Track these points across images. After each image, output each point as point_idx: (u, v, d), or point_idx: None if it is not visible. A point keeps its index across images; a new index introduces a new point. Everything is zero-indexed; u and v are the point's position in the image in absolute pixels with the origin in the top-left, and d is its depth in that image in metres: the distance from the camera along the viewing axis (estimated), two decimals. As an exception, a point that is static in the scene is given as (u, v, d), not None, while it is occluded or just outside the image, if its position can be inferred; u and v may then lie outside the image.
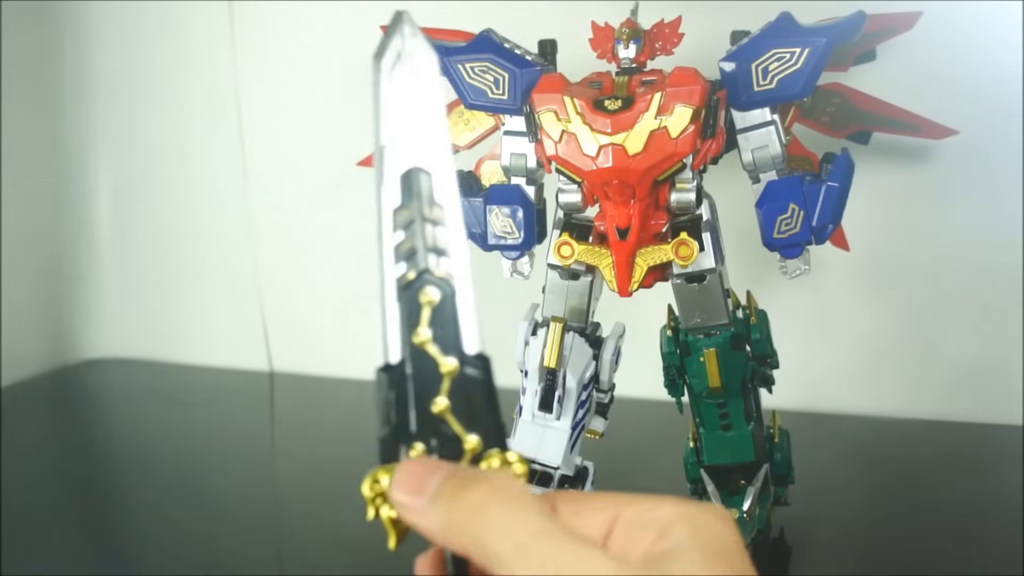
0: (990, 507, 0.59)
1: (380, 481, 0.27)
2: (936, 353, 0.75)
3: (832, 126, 0.57)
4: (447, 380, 0.28)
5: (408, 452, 0.27)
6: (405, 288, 0.28)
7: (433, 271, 0.28)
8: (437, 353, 0.28)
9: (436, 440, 0.27)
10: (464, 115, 0.59)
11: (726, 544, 0.25)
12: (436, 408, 0.27)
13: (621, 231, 0.51)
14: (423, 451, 0.27)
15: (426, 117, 0.30)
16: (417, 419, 0.28)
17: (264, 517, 0.68)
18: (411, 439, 0.27)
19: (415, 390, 0.28)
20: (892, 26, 0.56)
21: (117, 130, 1.05)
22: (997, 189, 0.71)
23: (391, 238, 0.29)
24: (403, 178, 0.29)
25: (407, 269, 0.28)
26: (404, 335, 0.28)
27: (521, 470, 0.27)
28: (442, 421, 0.28)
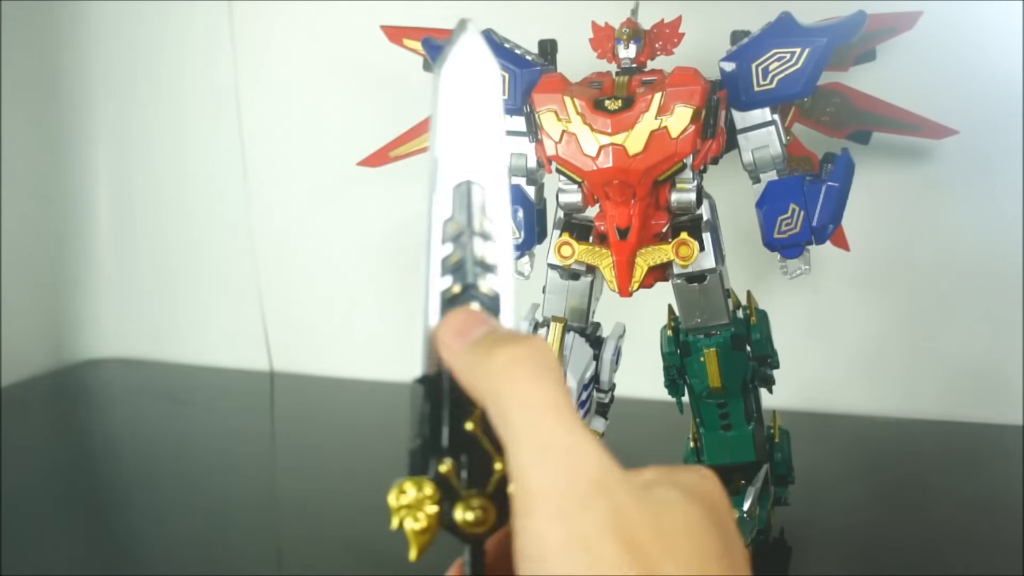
0: (990, 507, 0.59)
1: (407, 492, 0.27)
2: (936, 353, 0.75)
3: (832, 126, 0.57)
4: None
5: (438, 467, 0.27)
6: (450, 301, 0.28)
7: (479, 287, 0.28)
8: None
9: (466, 457, 0.27)
10: (464, 115, 0.59)
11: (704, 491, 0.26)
12: (470, 426, 0.27)
13: (621, 231, 0.51)
14: (452, 467, 0.27)
15: (484, 129, 0.29)
16: (450, 434, 0.27)
17: (264, 517, 0.68)
18: (442, 453, 0.27)
19: (450, 405, 0.27)
20: (892, 26, 0.56)
21: (117, 130, 1.05)
22: (997, 189, 0.71)
23: (439, 250, 0.28)
24: (456, 190, 0.29)
25: (453, 282, 0.28)
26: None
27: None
28: (475, 439, 0.27)
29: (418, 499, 0.27)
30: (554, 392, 0.24)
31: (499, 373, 0.25)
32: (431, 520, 0.26)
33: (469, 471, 0.27)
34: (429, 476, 0.27)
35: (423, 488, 0.27)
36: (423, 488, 0.27)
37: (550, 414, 0.24)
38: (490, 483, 0.27)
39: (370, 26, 0.64)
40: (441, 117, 0.29)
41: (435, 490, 0.27)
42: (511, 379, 0.25)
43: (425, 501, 0.27)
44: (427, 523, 0.26)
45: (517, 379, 0.24)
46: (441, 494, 0.27)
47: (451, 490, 0.27)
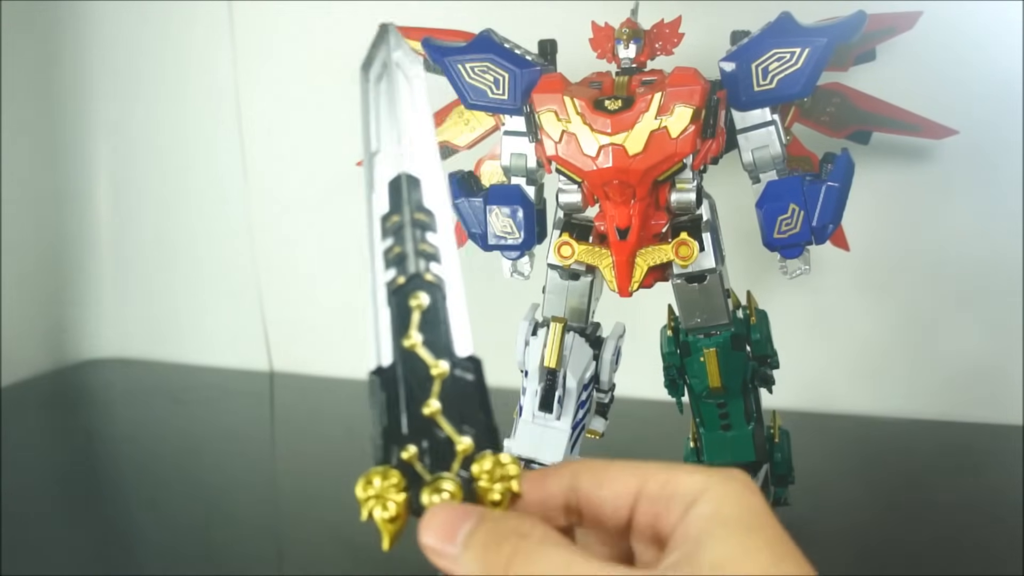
0: (990, 507, 0.59)
1: (373, 483, 0.27)
2: (936, 353, 0.75)
3: (832, 126, 0.57)
4: (438, 383, 0.28)
5: (400, 454, 0.28)
6: (395, 292, 0.29)
7: (423, 275, 0.29)
8: (427, 356, 0.28)
9: (428, 442, 0.28)
10: (464, 115, 0.59)
11: (754, 514, 0.25)
12: (427, 410, 0.28)
13: (621, 231, 0.51)
14: (414, 453, 0.28)
15: (414, 124, 0.30)
16: (409, 421, 0.28)
17: (264, 517, 0.68)
18: (403, 441, 0.28)
19: (406, 393, 0.28)
20: (892, 26, 0.56)
21: (117, 130, 1.05)
22: (997, 189, 0.71)
23: (380, 244, 0.29)
24: (391, 184, 0.30)
25: (397, 274, 0.29)
26: (395, 339, 0.29)
27: (514, 471, 0.27)
28: (434, 423, 0.28)
29: (385, 488, 0.27)
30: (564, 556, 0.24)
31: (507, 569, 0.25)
32: (399, 508, 0.27)
33: (431, 455, 0.28)
34: (393, 464, 0.28)
35: (388, 476, 0.27)
36: (388, 476, 0.27)
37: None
38: (453, 465, 0.28)
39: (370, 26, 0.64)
40: (371, 117, 0.30)
41: (400, 478, 0.27)
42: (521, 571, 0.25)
43: (391, 489, 0.27)
44: (396, 511, 0.27)
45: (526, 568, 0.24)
46: (407, 481, 0.27)
47: (416, 476, 0.28)
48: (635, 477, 0.27)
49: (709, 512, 0.25)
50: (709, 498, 0.25)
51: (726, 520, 0.25)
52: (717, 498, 0.25)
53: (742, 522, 0.25)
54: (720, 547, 0.24)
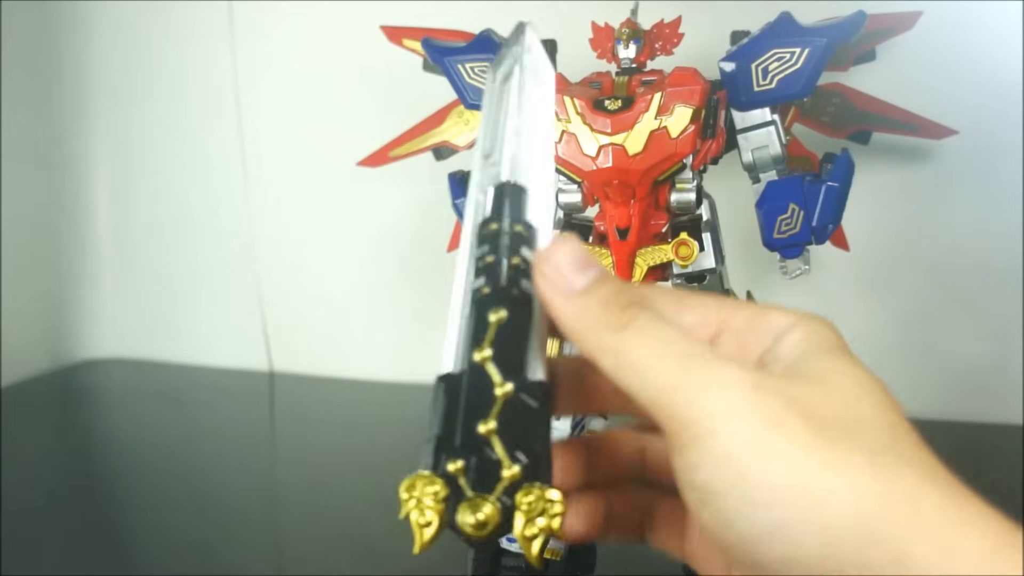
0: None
1: (416, 486, 0.27)
2: (936, 353, 0.75)
3: (832, 126, 0.57)
4: (500, 402, 0.27)
5: (447, 465, 0.27)
6: (478, 302, 0.28)
7: (510, 290, 0.27)
8: (495, 373, 0.27)
9: (477, 459, 0.27)
10: (464, 115, 0.59)
11: (842, 347, 0.26)
12: (484, 428, 0.27)
13: (621, 231, 0.51)
14: (462, 467, 0.27)
15: (534, 132, 0.29)
16: (463, 435, 0.27)
17: (264, 517, 0.68)
18: (453, 453, 0.27)
19: (467, 405, 0.27)
20: (892, 26, 0.56)
21: (117, 130, 1.05)
22: (997, 189, 0.71)
23: (475, 250, 0.28)
24: (497, 190, 0.29)
25: (484, 283, 0.28)
26: (467, 348, 0.27)
27: (559, 509, 0.26)
28: (487, 442, 0.27)
29: (427, 494, 0.27)
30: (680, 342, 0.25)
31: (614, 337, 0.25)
32: (437, 517, 0.27)
33: (477, 473, 0.27)
34: (439, 473, 0.27)
35: (433, 484, 0.27)
36: (433, 484, 0.27)
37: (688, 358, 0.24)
38: (496, 489, 0.27)
39: (370, 26, 0.64)
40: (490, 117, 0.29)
41: (443, 487, 0.27)
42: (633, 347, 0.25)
43: (432, 497, 0.27)
44: (433, 519, 0.27)
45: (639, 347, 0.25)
46: (448, 492, 0.27)
47: (458, 489, 0.27)
48: (718, 309, 0.27)
49: (801, 339, 0.26)
50: (800, 330, 0.26)
51: (820, 345, 0.26)
52: (808, 331, 0.26)
53: (835, 348, 0.26)
54: (823, 363, 0.25)
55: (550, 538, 0.27)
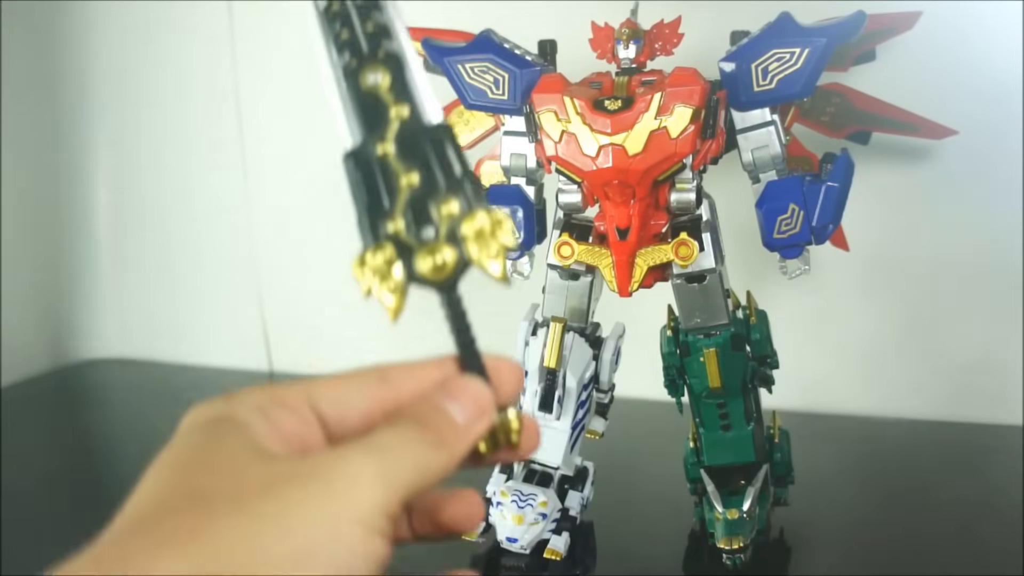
0: (990, 507, 0.59)
1: (366, 260, 0.27)
2: (936, 353, 0.75)
3: (832, 126, 0.57)
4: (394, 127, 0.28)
5: (387, 228, 0.28)
6: (350, 75, 0.29)
7: (376, 53, 0.29)
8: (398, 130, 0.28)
9: (412, 213, 0.28)
10: (464, 115, 0.59)
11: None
12: (405, 181, 0.28)
13: (621, 231, 0.51)
14: (401, 227, 0.28)
15: None
16: (389, 195, 0.28)
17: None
18: (388, 215, 0.28)
19: (381, 169, 0.28)
20: (892, 26, 0.56)
21: (117, 130, 1.05)
22: (997, 189, 0.71)
23: (329, 33, 0.30)
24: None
25: (350, 57, 0.29)
26: (361, 119, 0.28)
27: (508, 225, 0.27)
28: (414, 191, 0.28)
29: (380, 263, 0.27)
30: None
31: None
32: (398, 281, 0.27)
33: (416, 226, 0.28)
34: (382, 239, 0.28)
35: (381, 250, 0.28)
36: (381, 250, 0.28)
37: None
38: (440, 229, 0.27)
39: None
40: None
41: (392, 250, 0.27)
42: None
43: (386, 263, 0.27)
44: (394, 283, 0.27)
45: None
46: (398, 252, 0.27)
47: (405, 246, 0.28)
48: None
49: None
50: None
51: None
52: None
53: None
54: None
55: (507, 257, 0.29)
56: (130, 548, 0.22)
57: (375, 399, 0.28)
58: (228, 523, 0.22)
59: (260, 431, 0.26)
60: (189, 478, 0.24)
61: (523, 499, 0.53)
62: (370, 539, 0.24)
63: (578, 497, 0.56)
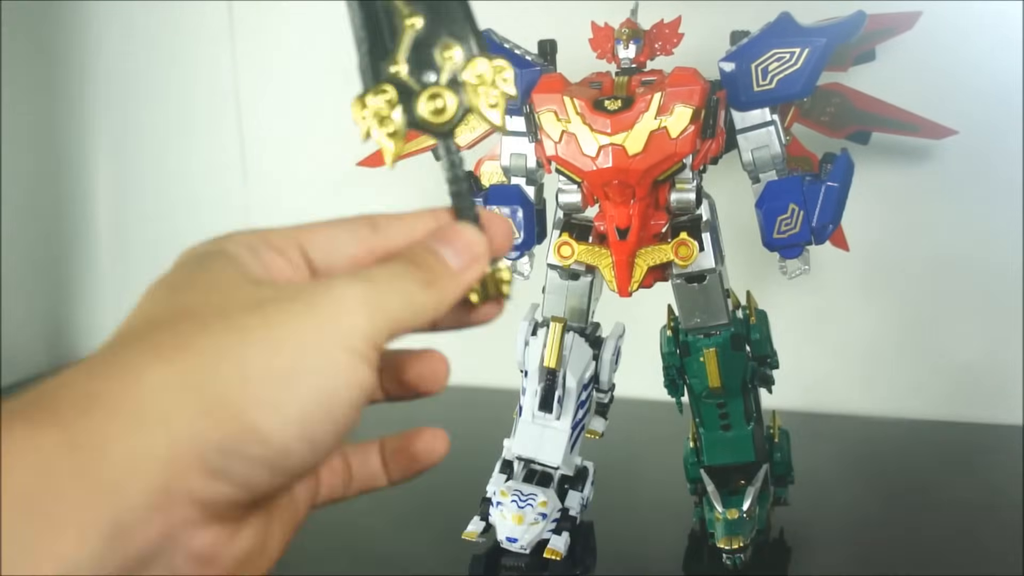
0: (990, 507, 0.59)
1: (367, 102, 0.27)
2: (936, 353, 0.75)
3: (832, 126, 0.57)
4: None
5: (388, 69, 0.27)
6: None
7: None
8: None
9: (415, 58, 0.27)
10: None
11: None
12: (408, 22, 0.27)
13: (621, 231, 0.51)
14: (403, 67, 0.27)
15: None
16: (391, 36, 0.27)
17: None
18: (389, 56, 0.27)
19: (384, 8, 0.28)
20: (892, 26, 0.56)
21: (117, 130, 1.05)
22: (997, 189, 0.71)
23: None
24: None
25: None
26: None
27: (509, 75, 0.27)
28: (419, 36, 0.27)
29: (380, 105, 0.27)
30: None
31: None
32: (398, 124, 0.27)
33: (419, 66, 0.27)
34: (383, 80, 0.27)
35: (381, 92, 0.27)
36: (381, 92, 0.27)
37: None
38: (442, 74, 0.27)
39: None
40: None
41: (394, 92, 0.27)
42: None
43: (386, 106, 0.27)
44: (394, 126, 0.27)
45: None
46: (399, 95, 0.27)
47: (407, 89, 0.27)
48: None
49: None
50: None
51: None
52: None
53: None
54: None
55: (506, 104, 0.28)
56: (122, 357, 0.23)
57: (365, 245, 0.28)
58: (216, 337, 0.23)
59: (248, 264, 0.26)
60: (180, 297, 0.25)
61: (523, 499, 0.53)
62: (355, 364, 0.24)
63: (578, 497, 0.56)
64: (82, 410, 0.21)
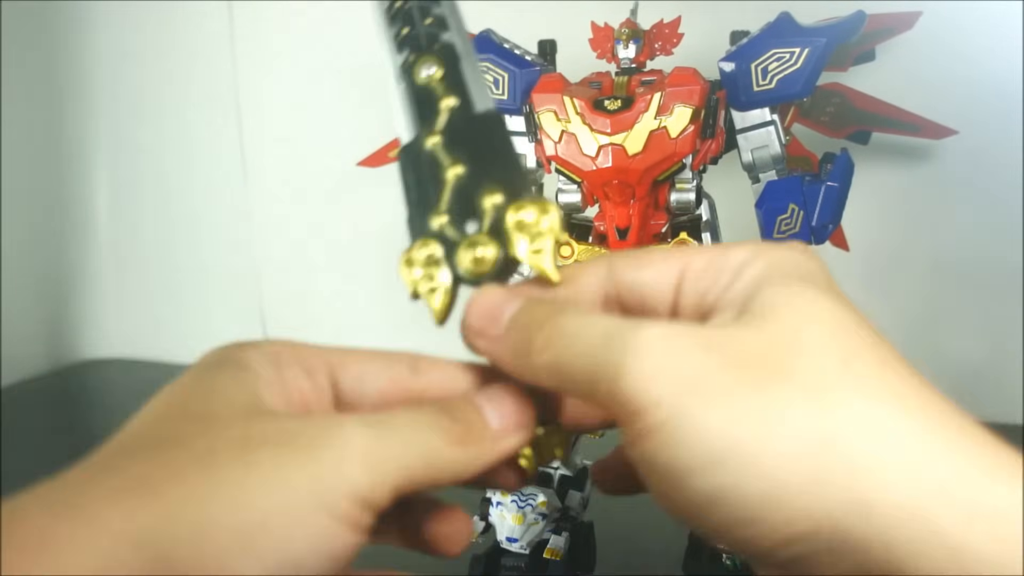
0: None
1: (414, 258, 0.26)
2: (936, 353, 0.75)
3: (832, 126, 0.57)
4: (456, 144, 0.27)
5: (432, 223, 0.27)
6: (407, 71, 0.29)
7: (433, 47, 0.29)
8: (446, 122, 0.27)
9: (457, 204, 0.26)
10: (464, 115, 0.59)
11: (810, 270, 0.23)
12: (451, 173, 0.27)
13: (621, 231, 0.51)
14: (447, 221, 0.26)
15: None
16: (435, 189, 0.27)
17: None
18: (434, 211, 0.27)
19: (428, 162, 0.27)
20: (892, 26, 0.56)
21: (117, 130, 1.05)
22: (997, 189, 0.71)
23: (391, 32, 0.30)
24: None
25: (409, 53, 0.29)
26: (415, 114, 0.28)
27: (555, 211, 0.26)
28: (461, 186, 0.26)
29: (424, 260, 0.26)
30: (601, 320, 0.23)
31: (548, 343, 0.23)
32: (444, 283, 0.26)
33: (461, 215, 0.26)
34: (428, 235, 0.27)
35: (425, 247, 0.26)
36: (425, 247, 0.26)
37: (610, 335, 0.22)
38: (484, 223, 0.26)
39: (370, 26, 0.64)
40: None
41: (438, 246, 0.26)
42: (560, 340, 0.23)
43: (433, 263, 0.26)
44: (439, 284, 0.26)
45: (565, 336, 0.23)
46: (444, 249, 0.26)
47: (449, 242, 0.26)
48: (678, 258, 0.25)
49: (758, 272, 0.23)
50: (760, 261, 0.23)
51: (779, 275, 0.22)
52: (769, 261, 0.23)
53: (793, 275, 0.23)
54: (771, 294, 0.22)
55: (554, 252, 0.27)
56: (87, 494, 0.21)
57: (400, 384, 0.26)
58: (187, 485, 0.20)
59: (265, 382, 0.24)
60: (172, 418, 0.23)
61: (523, 499, 0.53)
62: (332, 530, 0.21)
63: (578, 497, 0.56)
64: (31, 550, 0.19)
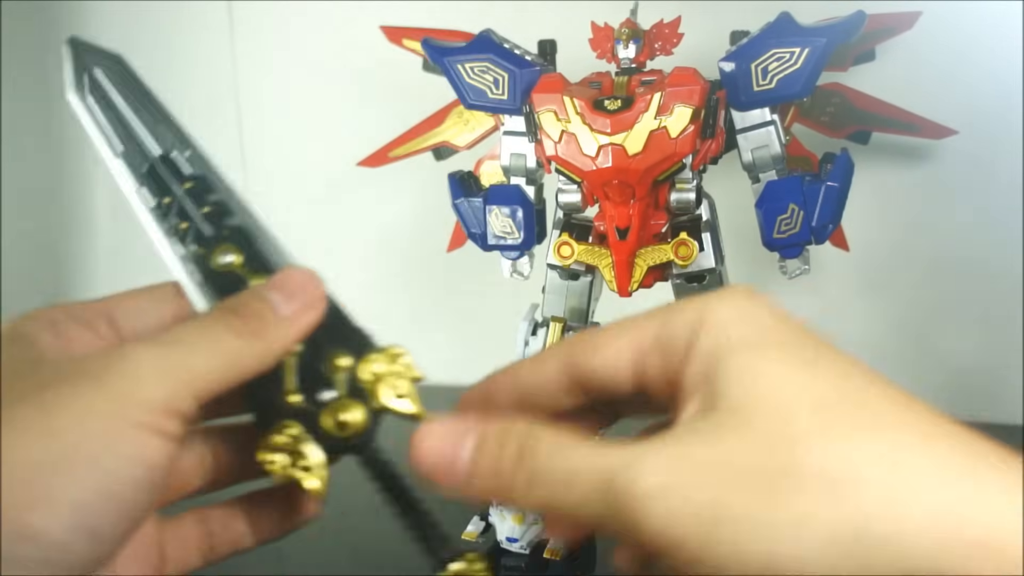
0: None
1: (272, 443, 0.26)
2: (936, 353, 0.75)
3: (832, 126, 0.57)
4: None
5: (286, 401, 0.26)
6: (200, 261, 0.28)
7: (221, 235, 0.28)
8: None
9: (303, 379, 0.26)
10: (464, 115, 0.59)
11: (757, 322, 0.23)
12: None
13: (621, 231, 0.51)
14: (300, 399, 0.26)
15: (136, 113, 0.31)
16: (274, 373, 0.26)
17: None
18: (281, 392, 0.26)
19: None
20: (892, 26, 0.56)
21: (117, 130, 1.05)
22: (997, 189, 0.71)
23: (164, 226, 0.29)
24: (148, 175, 0.30)
25: (196, 246, 0.28)
26: (220, 296, 0.27)
27: (406, 355, 0.26)
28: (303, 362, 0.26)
29: (287, 442, 0.26)
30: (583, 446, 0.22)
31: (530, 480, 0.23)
32: (315, 461, 0.26)
33: (312, 388, 0.26)
34: (283, 416, 0.26)
35: (286, 430, 0.26)
36: (286, 430, 0.26)
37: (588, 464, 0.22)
38: (337, 386, 0.26)
39: (370, 26, 0.64)
40: (97, 130, 0.31)
41: (297, 425, 0.26)
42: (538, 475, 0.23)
43: (294, 440, 0.26)
44: (311, 462, 0.26)
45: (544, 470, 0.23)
46: (306, 426, 0.26)
47: (310, 415, 0.26)
48: (628, 334, 0.24)
49: (710, 347, 0.22)
50: (707, 335, 0.22)
51: (727, 348, 0.22)
52: (716, 329, 0.22)
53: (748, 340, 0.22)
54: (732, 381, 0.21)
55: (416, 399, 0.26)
56: None
57: (173, 306, 0.26)
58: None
59: (47, 344, 0.24)
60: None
61: (523, 499, 0.53)
62: (142, 439, 0.22)
63: (578, 497, 0.55)
64: None
